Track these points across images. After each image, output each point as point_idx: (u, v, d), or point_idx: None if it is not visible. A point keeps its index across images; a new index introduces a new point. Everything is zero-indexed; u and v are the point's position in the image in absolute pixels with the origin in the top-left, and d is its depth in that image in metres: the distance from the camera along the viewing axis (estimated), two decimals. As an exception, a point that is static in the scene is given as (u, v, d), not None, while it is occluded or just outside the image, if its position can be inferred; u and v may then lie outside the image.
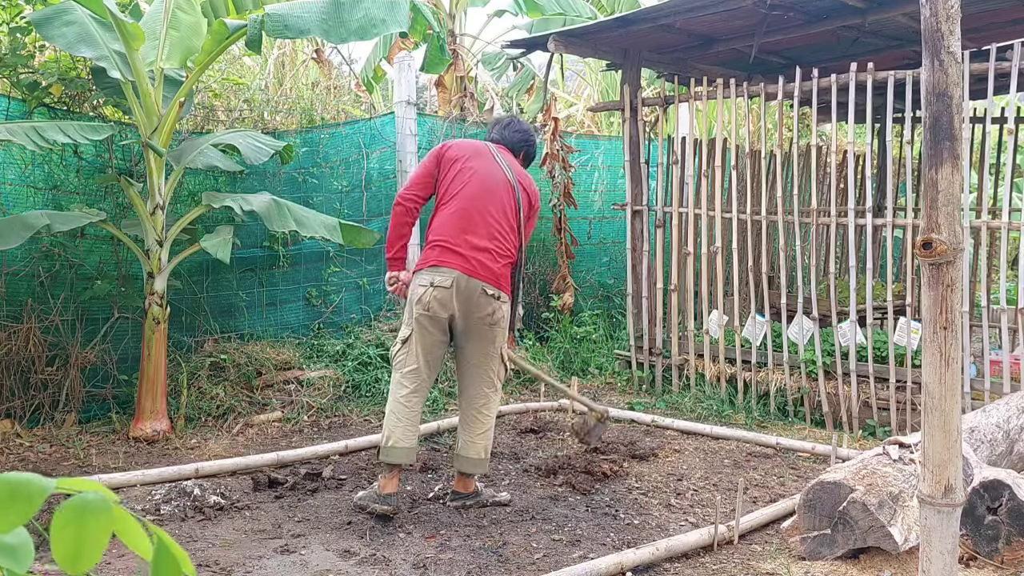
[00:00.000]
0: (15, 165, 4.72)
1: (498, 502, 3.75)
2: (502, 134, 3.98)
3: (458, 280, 3.54)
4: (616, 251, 7.89)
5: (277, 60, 9.18)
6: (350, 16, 4.10)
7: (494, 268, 3.59)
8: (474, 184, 3.66)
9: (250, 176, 5.59)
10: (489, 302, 3.58)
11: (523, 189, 3.78)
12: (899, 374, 4.99)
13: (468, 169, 3.69)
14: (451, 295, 3.54)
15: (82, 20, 4.32)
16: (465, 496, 3.74)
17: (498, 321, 3.63)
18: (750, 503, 3.80)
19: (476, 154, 3.76)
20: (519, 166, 3.91)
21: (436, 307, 3.56)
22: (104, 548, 0.65)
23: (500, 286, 3.61)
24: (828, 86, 5.16)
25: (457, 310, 3.57)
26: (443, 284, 3.54)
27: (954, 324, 2.05)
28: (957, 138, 2.03)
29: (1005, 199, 4.74)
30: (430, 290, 3.55)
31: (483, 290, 3.56)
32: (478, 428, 3.70)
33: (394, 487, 3.56)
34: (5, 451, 4.24)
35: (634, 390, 6.08)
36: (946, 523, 2.08)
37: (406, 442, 3.56)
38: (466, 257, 3.56)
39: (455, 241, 3.58)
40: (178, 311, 5.20)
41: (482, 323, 3.60)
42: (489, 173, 3.71)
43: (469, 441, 3.70)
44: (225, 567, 3.07)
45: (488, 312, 3.59)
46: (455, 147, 3.79)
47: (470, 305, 3.57)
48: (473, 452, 3.70)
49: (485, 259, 3.58)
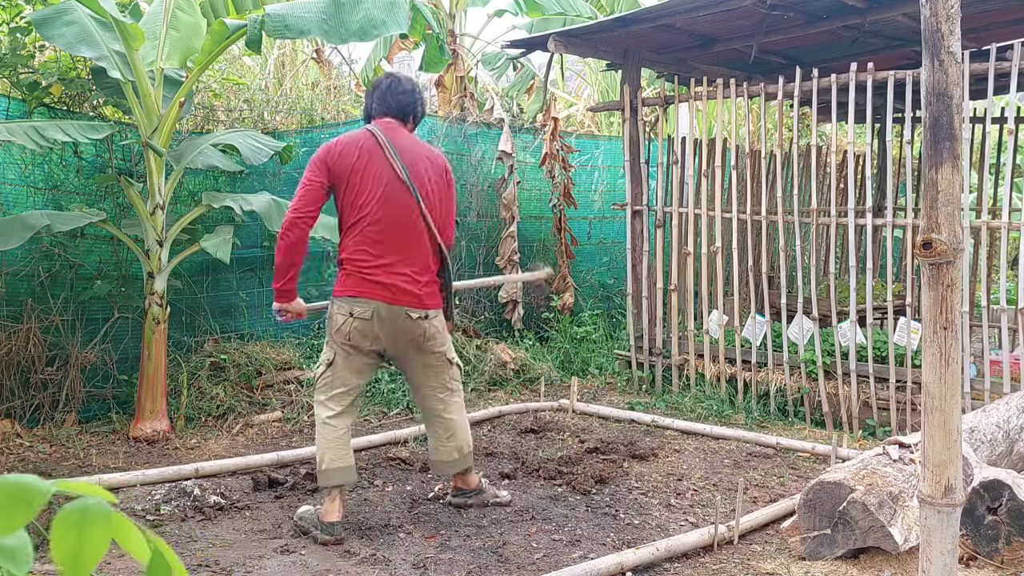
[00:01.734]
0: (15, 165, 4.72)
1: (499, 502, 3.72)
2: (387, 103, 3.53)
3: (378, 310, 3.34)
4: (616, 251, 7.89)
5: (277, 60, 9.18)
6: (350, 17, 4.09)
7: (415, 290, 3.39)
8: (378, 204, 3.35)
9: (250, 176, 5.59)
10: (417, 325, 3.40)
11: (424, 181, 3.42)
12: (899, 374, 4.99)
13: (365, 183, 3.35)
14: (372, 325, 3.36)
15: (82, 20, 4.32)
16: (467, 493, 3.69)
17: (432, 337, 3.45)
18: (750, 503, 3.80)
19: (370, 158, 3.37)
20: (415, 145, 3.50)
21: (358, 338, 3.38)
22: (104, 552, 0.66)
23: (425, 305, 3.41)
24: (828, 86, 5.16)
25: (383, 337, 3.40)
26: (363, 316, 3.35)
27: (954, 324, 2.05)
28: (957, 138, 2.03)
29: (1005, 199, 4.74)
30: (350, 321, 3.37)
31: (407, 315, 3.37)
32: (444, 433, 3.58)
33: (338, 514, 3.35)
34: (5, 451, 4.24)
35: (634, 390, 6.08)
36: (946, 523, 2.08)
37: (340, 462, 3.39)
38: (384, 285, 3.34)
39: (369, 269, 3.35)
40: (178, 311, 5.20)
41: (413, 344, 3.44)
42: (388, 185, 3.36)
43: (438, 447, 3.60)
44: (225, 567, 3.07)
45: (418, 334, 3.42)
46: (343, 152, 3.38)
47: (396, 332, 3.39)
48: (445, 455, 3.60)
49: (405, 283, 3.37)
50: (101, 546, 0.64)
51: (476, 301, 7.06)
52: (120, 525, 0.66)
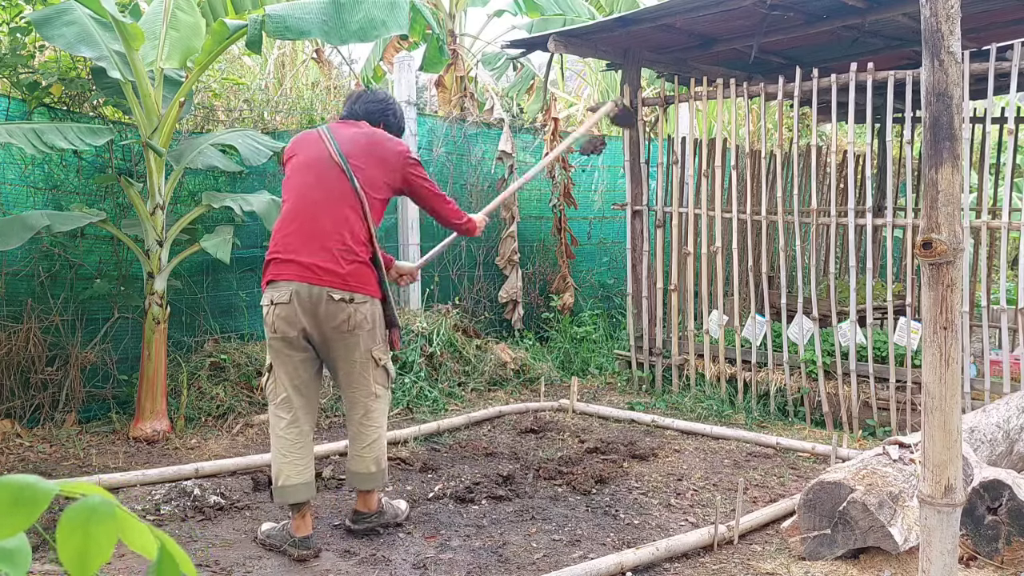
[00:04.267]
0: (15, 165, 4.72)
1: (399, 520, 3.48)
2: (351, 109, 3.51)
3: (298, 291, 3.14)
4: (616, 251, 7.89)
5: (277, 60, 9.18)
6: (350, 17, 4.09)
7: (338, 269, 3.15)
8: (300, 179, 3.25)
9: (250, 176, 5.59)
10: (341, 307, 3.15)
11: (361, 162, 3.27)
12: (899, 374, 4.99)
13: (299, 168, 3.29)
14: (294, 310, 3.15)
15: (82, 20, 4.32)
16: (367, 515, 3.39)
17: (358, 325, 3.20)
18: (750, 503, 3.80)
19: (307, 146, 3.32)
20: (361, 135, 3.37)
21: (283, 326, 3.17)
22: (111, 552, 0.66)
23: (351, 287, 3.17)
24: (828, 86, 5.16)
25: (307, 323, 3.17)
26: (282, 300, 3.15)
27: (954, 324, 2.05)
28: (957, 138, 2.03)
29: (1005, 199, 4.74)
30: (272, 309, 3.19)
31: (329, 296, 3.14)
32: (364, 440, 3.33)
33: (308, 528, 3.20)
34: (5, 451, 4.24)
35: (634, 390, 6.09)
36: (946, 523, 2.08)
37: (298, 478, 3.20)
38: (302, 264, 3.15)
39: (288, 249, 3.19)
40: (178, 311, 5.20)
41: (337, 332, 3.19)
42: (314, 161, 3.27)
43: (356, 455, 3.36)
44: (225, 567, 3.07)
45: (343, 319, 3.17)
46: (292, 144, 3.38)
47: (319, 315, 3.16)
48: (362, 466, 3.34)
49: (326, 261, 3.15)
50: (107, 545, 0.64)
51: (476, 301, 7.06)
52: (126, 523, 0.66)
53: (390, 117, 3.54)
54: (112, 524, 0.64)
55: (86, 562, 0.63)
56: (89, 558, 0.63)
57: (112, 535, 0.65)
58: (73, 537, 0.63)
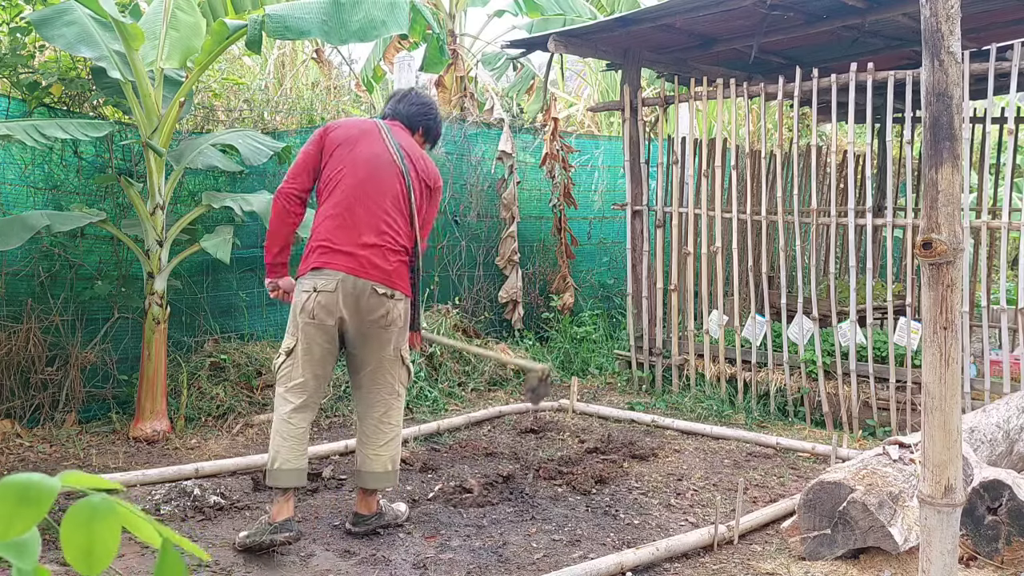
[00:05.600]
0: (15, 165, 4.72)
1: (399, 521, 3.47)
2: (395, 108, 3.55)
3: (343, 282, 3.17)
4: (616, 251, 7.90)
5: (277, 60, 9.19)
6: (350, 17, 4.09)
7: (385, 266, 3.22)
8: (357, 171, 3.25)
9: (250, 176, 5.59)
10: (382, 302, 3.22)
11: (415, 171, 3.36)
12: (899, 374, 4.99)
13: (350, 154, 3.28)
14: (336, 299, 3.18)
15: (82, 20, 4.32)
16: (367, 518, 3.37)
17: (393, 321, 3.27)
18: (750, 503, 3.80)
19: (361, 135, 3.32)
20: (415, 146, 3.48)
21: (322, 314, 3.19)
22: (116, 549, 0.66)
23: (393, 284, 3.24)
24: (828, 86, 5.16)
25: (346, 314, 3.20)
26: (327, 288, 3.17)
27: (954, 324, 2.05)
28: (957, 138, 2.03)
29: (1005, 199, 4.74)
30: (313, 296, 3.19)
31: (373, 290, 3.19)
32: (381, 439, 3.34)
33: (289, 511, 3.20)
34: (5, 451, 4.24)
35: (634, 390, 6.09)
36: (946, 523, 2.08)
37: (294, 463, 3.21)
38: (352, 255, 3.19)
39: (338, 239, 3.20)
40: (178, 311, 5.20)
41: (375, 326, 3.24)
42: (373, 156, 3.29)
43: (372, 455, 3.34)
44: (225, 567, 3.07)
45: (381, 314, 3.22)
46: (340, 128, 3.36)
47: (360, 308, 3.20)
48: (378, 465, 3.34)
49: (374, 256, 3.20)
50: (112, 543, 0.64)
51: (476, 301, 7.06)
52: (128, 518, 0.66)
53: (431, 122, 3.60)
54: (115, 520, 0.64)
55: (92, 560, 0.63)
56: (95, 556, 0.63)
57: (116, 531, 0.65)
58: (77, 537, 0.63)
